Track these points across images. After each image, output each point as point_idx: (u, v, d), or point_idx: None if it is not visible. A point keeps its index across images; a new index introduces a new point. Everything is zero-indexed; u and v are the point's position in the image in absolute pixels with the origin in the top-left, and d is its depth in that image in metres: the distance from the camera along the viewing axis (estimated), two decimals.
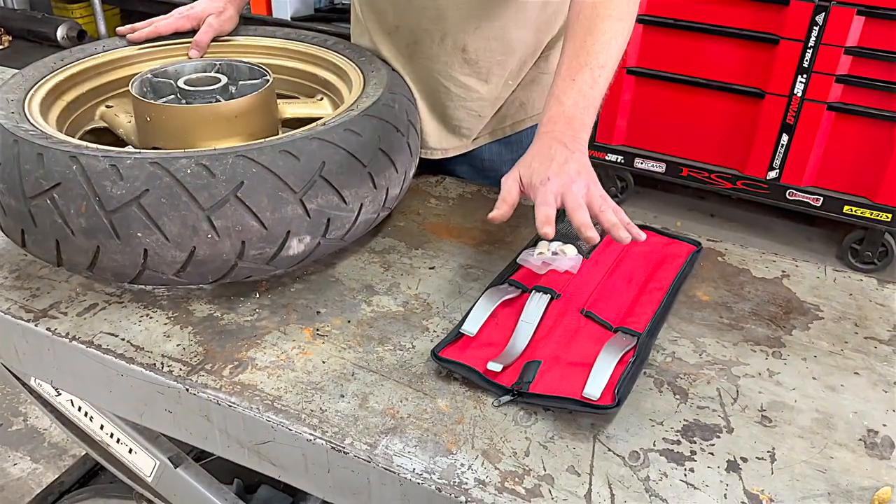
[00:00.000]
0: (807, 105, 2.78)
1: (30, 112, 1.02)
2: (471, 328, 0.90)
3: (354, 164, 0.94)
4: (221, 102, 1.08)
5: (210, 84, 1.12)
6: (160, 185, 0.85)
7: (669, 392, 0.85)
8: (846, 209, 2.87)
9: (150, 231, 0.85)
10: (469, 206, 1.21)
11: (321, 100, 1.23)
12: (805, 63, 2.72)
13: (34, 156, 0.88)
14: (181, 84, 1.12)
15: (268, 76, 1.13)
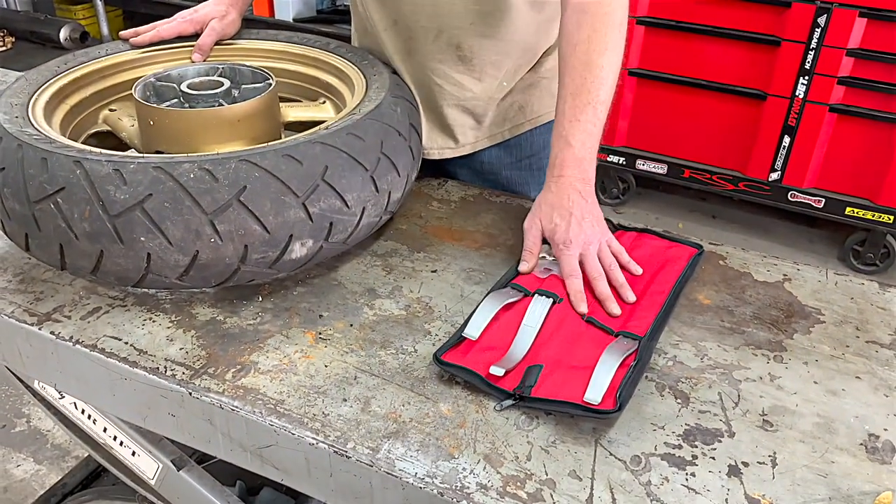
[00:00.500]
0: (808, 107, 2.78)
1: (34, 116, 1.02)
2: (473, 332, 0.90)
3: (357, 168, 0.95)
4: (224, 106, 1.09)
5: (213, 88, 1.13)
6: (163, 190, 0.85)
7: (671, 396, 0.85)
8: (848, 211, 2.87)
9: (154, 235, 0.86)
10: (471, 209, 1.22)
11: (324, 103, 1.23)
12: (807, 65, 2.72)
13: (38, 160, 0.88)
14: (184, 88, 1.13)
15: (270, 80, 1.14)
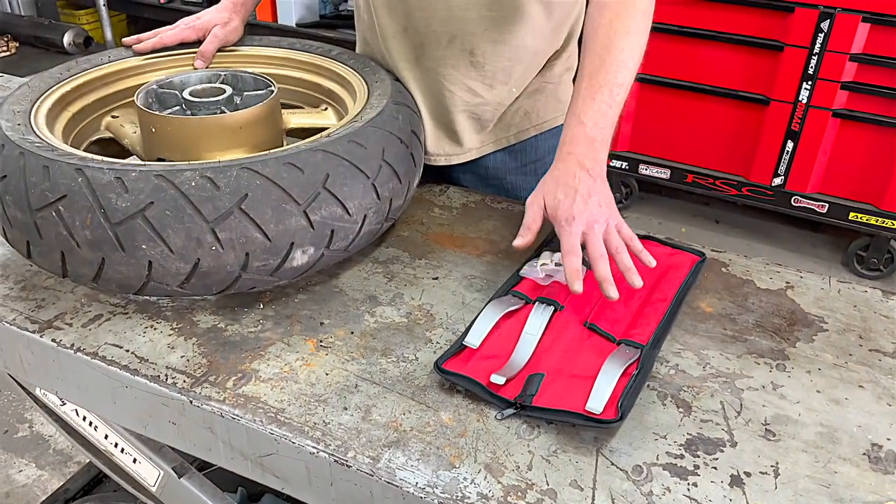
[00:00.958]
0: (812, 112, 2.77)
1: (36, 123, 1.02)
2: (473, 340, 0.90)
3: (358, 176, 0.95)
4: (226, 114, 1.09)
5: (215, 95, 1.13)
6: (165, 198, 0.85)
7: (673, 405, 0.85)
8: (851, 216, 2.87)
9: (155, 243, 0.86)
10: (473, 216, 1.21)
11: (325, 110, 1.23)
12: (810, 70, 2.72)
13: (40, 168, 0.88)
14: (186, 95, 1.13)
15: (272, 87, 1.14)
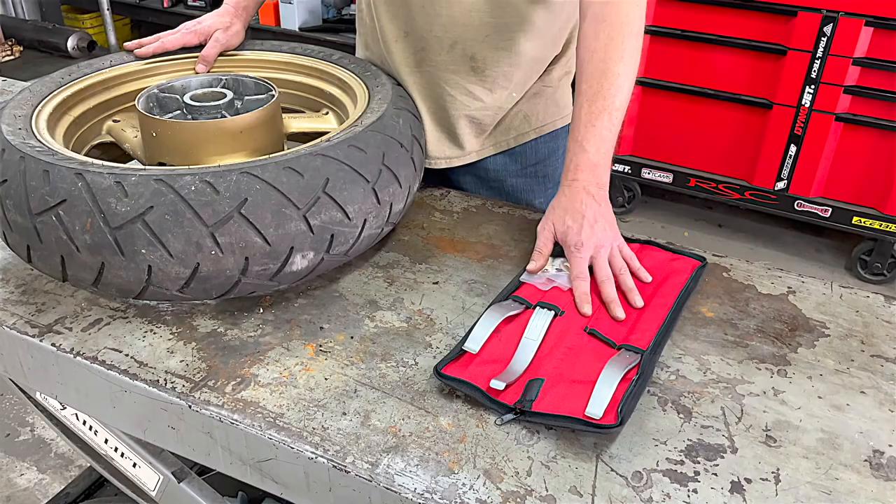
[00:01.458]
0: (815, 116, 2.77)
1: (37, 128, 1.02)
2: (473, 345, 0.89)
3: (358, 181, 0.94)
4: (227, 118, 1.09)
5: (216, 99, 1.13)
6: (164, 203, 0.85)
7: (673, 411, 0.84)
8: (855, 220, 2.86)
9: (155, 248, 0.86)
10: (473, 220, 1.21)
11: (326, 114, 1.23)
12: (813, 74, 2.71)
13: (40, 172, 0.89)
14: (187, 99, 1.13)
15: (273, 91, 1.14)
